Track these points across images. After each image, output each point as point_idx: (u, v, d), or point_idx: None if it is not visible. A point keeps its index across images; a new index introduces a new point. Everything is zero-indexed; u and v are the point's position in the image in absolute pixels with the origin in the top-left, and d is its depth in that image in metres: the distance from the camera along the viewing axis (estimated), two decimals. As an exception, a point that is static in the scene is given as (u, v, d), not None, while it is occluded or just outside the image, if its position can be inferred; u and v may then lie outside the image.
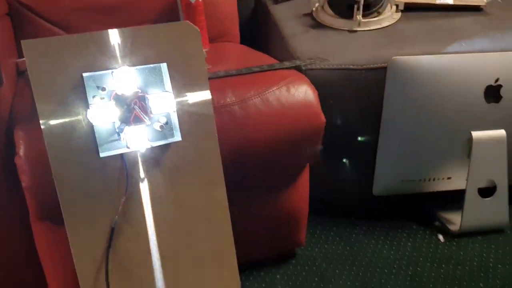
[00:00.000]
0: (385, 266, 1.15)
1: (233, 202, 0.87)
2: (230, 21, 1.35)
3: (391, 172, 1.25)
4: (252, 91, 0.91)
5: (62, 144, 0.75)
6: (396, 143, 1.20)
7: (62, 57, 0.74)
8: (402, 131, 1.19)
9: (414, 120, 1.17)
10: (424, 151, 1.22)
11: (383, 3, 1.24)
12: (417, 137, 1.20)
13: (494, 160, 1.22)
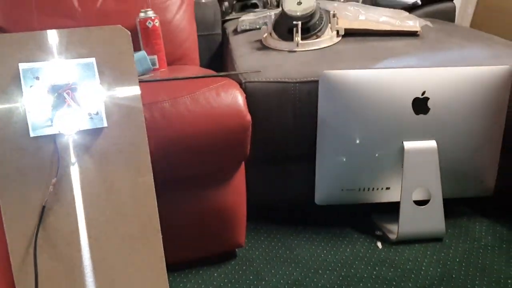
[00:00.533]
0: (320, 267, 1.21)
1: (167, 199, 0.95)
2: (189, 45, 1.49)
3: (331, 181, 1.33)
4: (184, 92, 1.02)
5: (1, 127, 0.86)
6: (333, 153, 1.29)
7: (4, 52, 0.86)
8: (338, 141, 1.28)
9: (348, 131, 1.27)
10: (360, 161, 1.30)
11: (321, 27, 1.37)
12: (352, 147, 1.28)
13: (427, 170, 1.30)
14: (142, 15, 1.34)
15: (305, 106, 1.26)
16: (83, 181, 0.91)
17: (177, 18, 1.46)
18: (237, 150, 1.08)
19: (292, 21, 1.34)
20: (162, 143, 0.98)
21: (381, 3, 1.72)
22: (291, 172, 1.33)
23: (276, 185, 1.34)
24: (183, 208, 1.08)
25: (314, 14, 1.36)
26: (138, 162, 0.94)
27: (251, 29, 1.61)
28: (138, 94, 0.93)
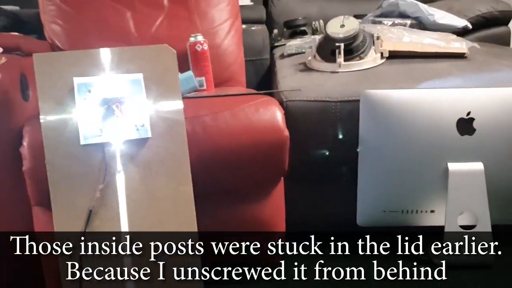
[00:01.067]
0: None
1: (206, 211, 0.99)
2: (236, 68, 1.55)
3: (373, 202, 1.31)
4: (224, 107, 1.07)
5: (55, 135, 0.94)
6: (375, 174, 1.29)
7: (62, 67, 0.95)
8: (380, 161, 1.28)
9: (390, 151, 1.26)
10: (403, 182, 1.28)
11: (364, 49, 1.39)
12: (395, 168, 1.27)
13: (473, 193, 1.26)
14: (192, 40, 1.43)
15: (346, 126, 1.27)
16: (127, 188, 0.97)
17: (225, 42, 1.54)
18: (275, 165, 1.10)
19: (335, 43, 1.37)
20: (202, 155, 1.03)
21: (429, 28, 1.72)
22: (331, 192, 1.34)
23: (316, 204, 1.35)
24: (220, 221, 1.12)
25: (357, 36, 1.39)
26: (179, 172, 0.99)
27: (297, 53, 1.65)
28: (181, 108, 1.00)
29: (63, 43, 1.44)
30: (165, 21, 1.51)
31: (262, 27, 1.87)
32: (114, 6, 1.47)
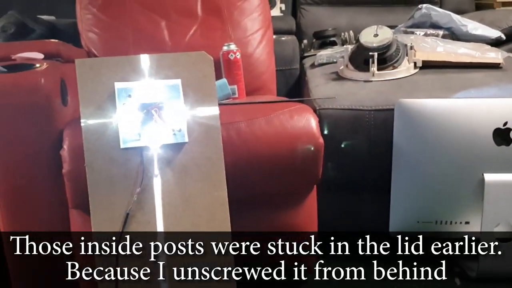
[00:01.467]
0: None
1: (239, 216, 1.00)
2: (267, 77, 1.56)
3: (406, 212, 1.30)
4: (259, 114, 1.08)
5: (95, 139, 0.96)
6: (409, 183, 1.27)
7: (103, 73, 0.97)
8: (414, 171, 1.26)
9: (425, 160, 1.25)
10: (437, 192, 1.27)
11: (398, 59, 1.39)
12: (429, 178, 1.26)
13: (510, 204, 1.23)
14: (225, 48, 1.44)
15: (380, 134, 1.26)
16: (163, 192, 0.98)
17: (257, 51, 1.55)
18: (309, 172, 1.10)
19: (369, 52, 1.37)
20: (237, 161, 1.03)
21: (462, 39, 1.70)
22: (364, 200, 1.33)
23: (349, 212, 1.34)
24: (253, 226, 1.12)
25: (390, 45, 1.39)
26: (214, 177, 1.00)
27: (328, 63, 1.65)
28: (217, 114, 1.01)
29: (99, 50, 1.48)
30: (198, 30, 1.54)
31: (292, 37, 1.88)
32: (149, 16, 1.50)
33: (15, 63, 1.14)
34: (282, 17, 2.11)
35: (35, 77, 1.05)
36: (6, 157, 1.05)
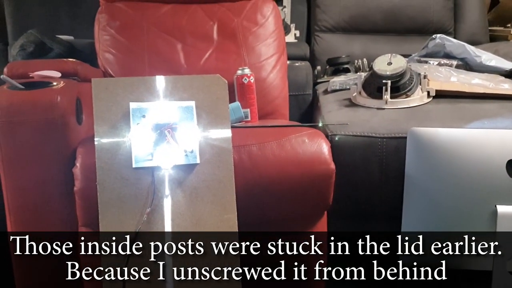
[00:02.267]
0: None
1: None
2: (280, 102, 1.57)
3: (417, 240, 1.28)
4: (271, 138, 1.08)
5: (108, 157, 0.96)
6: (420, 213, 1.26)
7: (118, 93, 0.99)
8: (425, 200, 1.25)
9: (437, 190, 1.24)
10: (449, 222, 1.25)
11: (411, 87, 1.39)
12: (441, 208, 1.24)
13: (524, 237, 1.21)
14: (239, 72, 1.46)
15: (392, 163, 1.25)
16: (173, 213, 0.98)
17: (271, 76, 1.56)
18: (320, 197, 1.10)
19: (382, 80, 1.37)
20: (248, 184, 1.03)
21: (476, 70, 1.70)
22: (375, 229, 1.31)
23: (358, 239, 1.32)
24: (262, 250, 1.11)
25: (404, 74, 1.39)
26: (224, 200, 1.00)
27: (341, 89, 1.66)
28: (229, 137, 1.01)
29: (115, 71, 1.50)
30: (213, 54, 1.56)
31: (306, 63, 1.89)
32: (166, 38, 1.53)
33: (32, 81, 1.17)
34: (296, 43, 2.13)
35: (52, 95, 1.07)
36: (20, 172, 1.06)
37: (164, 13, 1.57)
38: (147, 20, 1.54)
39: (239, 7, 1.62)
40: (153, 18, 1.55)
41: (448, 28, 2.17)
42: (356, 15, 2.14)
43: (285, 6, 2.16)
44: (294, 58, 1.90)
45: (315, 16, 2.19)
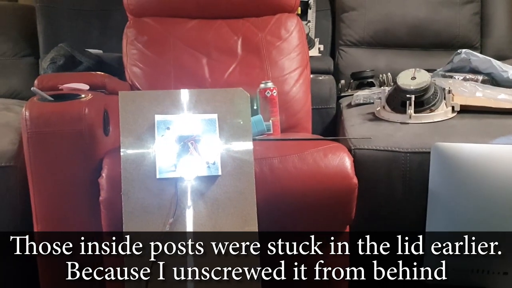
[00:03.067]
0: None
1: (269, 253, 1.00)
2: (303, 115, 1.58)
3: (441, 259, 1.26)
4: (292, 151, 1.09)
5: (133, 168, 0.99)
6: (444, 229, 1.24)
7: (144, 105, 1.01)
8: (449, 216, 1.23)
9: (461, 206, 1.22)
10: (474, 240, 1.23)
11: (436, 102, 1.38)
12: (465, 224, 1.22)
13: (552, 256, 1.18)
14: (262, 86, 1.48)
15: (415, 178, 1.24)
16: (195, 224, 0.99)
17: (294, 90, 1.58)
18: (342, 212, 1.10)
19: (406, 94, 1.37)
20: (269, 196, 1.04)
21: (502, 85, 1.67)
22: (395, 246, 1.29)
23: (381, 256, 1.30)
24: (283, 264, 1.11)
25: (428, 88, 1.38)
26: (245, 212, 1.01)
27: (364, 103, 1.66)
28: (250, 149, 1.02)
29: (142, 84, 1.54)
30: (237, 68, 1.58)
31: (330, 77, 1.90)
32: (192, 53, 1.56)
33: (62, 93, 1.20)
34: (320, 57, 2.14)
35: (80, 107, 1.11)
36: (48, 181, 1.10)
37: (190, 28, 1.61)
38: (174, 35, 1.58)
39: (263, 22, 1.65)
40: (179, 33, 1.59)
41: (474, 43, 2.14)
42: (380, 30, 2.14)
43: (309, 21, 2.18)
44: (318, 72, 1.91)
45: (340, 30, 2.19)
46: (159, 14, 1.62)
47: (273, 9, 1.65)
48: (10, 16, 2.02)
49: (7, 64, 1.96)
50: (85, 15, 2.06)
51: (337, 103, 1.85)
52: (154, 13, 1.62)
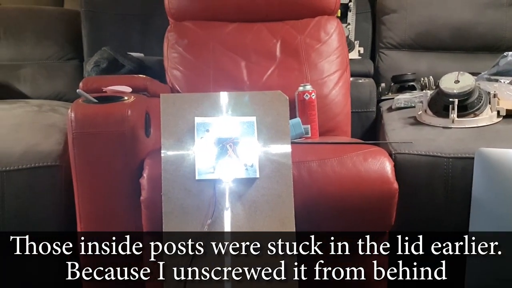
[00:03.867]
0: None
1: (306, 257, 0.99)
2: (342, 119, 1.56)
3: (485, 268, 1.22)
4: (331, 155, 1.08)
5: (173, 169, 1.00)
6: (488, 237, 1.20)
7: (184, 108, 1.03)
8: (494, 224, 1.19)
9: (506, 213, 1.17)
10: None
11: (480, 106, 1.34)
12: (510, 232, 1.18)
13: None
14: (301, 89, 1.47)
15: (458, 184, 1.21)
16: (233, 225, 1.00)
17: (333, 93, 1.57)
18: (381, 217, 1.08)
19: (449, 98, 1.33)
20: (307, 200, 1.04)
21: (553, 88, 1.61)
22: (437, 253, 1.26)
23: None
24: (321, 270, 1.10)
25: (472, 92, 1.34)
26: (283, 215, 1.00)
27: (405, 107, 1.63)
28: (289, 152, 1.02)
29: (182, 87, 1.56)
30: (276, 71, 1.59)
31: (370, 80, 1.87)
32: (231, 56, 1.57)
33: (105, 95, 1.24)
34: (360, 60, 2.11)
35: (123, 108, 1.13)
36: (91, 181, 1.13)
37: (229, 32, 1.62)
38: (213, 38, 1.60)
39: (303, 24, 1.64)
40: (219, 36, 1.61)
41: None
42: (422, 32, 2.09)
43: (349, 23, 2.15)
44: (357, 75, 1.89)
45: (380, 33, 2.16)
46: (199, 18, 1.65)
47: (313, 11, 1.65)
48: (56, 20, 2.10)
49: (53, 67, 2.03)
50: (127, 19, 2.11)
51: (377, 106, 1.83)
52: (194, 17, 1.65)
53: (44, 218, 1.24)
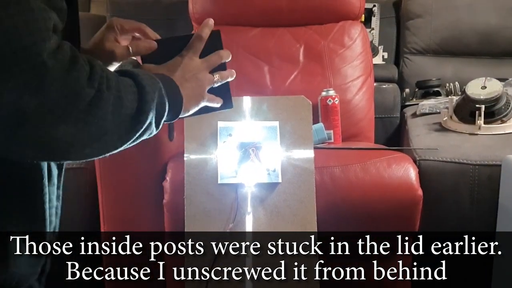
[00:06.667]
0: None
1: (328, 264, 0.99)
2: (365, 124, 1.55)
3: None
4: (355, 160, 1.07)
5: (196, 173, 1.01)
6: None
7: (208, 112, 1.03)
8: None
9: (535, 223, 1.14)
10: (549, 260, 1.15)
11: (508, 113, 1.31)
12: (540, 243, 1.15)
13: None
14: (323, 94, 1.47)
15: (484, 192, 1.18)
16: (254, 230, 1.00)
17: (356, 98, 1.55)
18: (405, 224, 1.06)
19: (475, 104, 1.31)
20: (329, 205, 1.03)
21: None
22: (462, 263, 1.23)
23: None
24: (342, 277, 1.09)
25: (499, 99, 1.32)
26: (305, 220, 1.00)
27: (430, 113, 1.60)
28: (311, 157, 1.02)
29: (205, 91, 1.57)
30: (299, 75, 1.58)
31: (394, 85, 1.85)
32: (254, 61, 1.58)
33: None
34: (384, 65, 2.10)
35: (147, 112, 1.14)
36: (115, 184, 1.14)
37: (252, 36, 1.63)
38: (237, 43, 1.60)
39: (326, 29, 1.64)
40: (242, 41, 1.61)
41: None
42: (448, 38, 2.06)
43: (373, 28, 2.14)
44: (381, 80, 1.88)
45: (405, 38, 2.14)
46: (223, 22, 1.65)
47: (337, 16, 1.64)
48: (82, 25, 2.14)
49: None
50: (151, 23, 2.10)
51: (401, 112, 1.81)
52: (218, 21, 1.62)
53: (69, 219, 1.26)
